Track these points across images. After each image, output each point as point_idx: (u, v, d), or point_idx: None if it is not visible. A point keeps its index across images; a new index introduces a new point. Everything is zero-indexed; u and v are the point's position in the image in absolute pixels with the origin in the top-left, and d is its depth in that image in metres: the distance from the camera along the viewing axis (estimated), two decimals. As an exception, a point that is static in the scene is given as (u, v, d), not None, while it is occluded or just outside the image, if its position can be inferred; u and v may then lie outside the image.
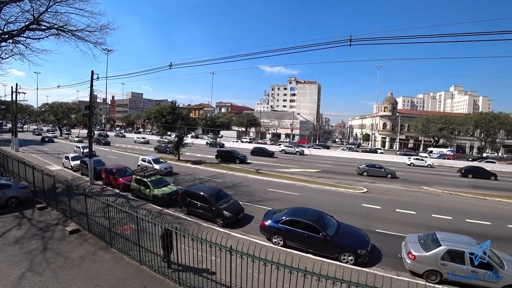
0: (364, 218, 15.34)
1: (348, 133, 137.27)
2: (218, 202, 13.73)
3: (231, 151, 36.70)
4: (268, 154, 42.63)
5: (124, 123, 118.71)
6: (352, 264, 9.93)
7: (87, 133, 20.85)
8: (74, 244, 10.43)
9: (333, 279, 5.57)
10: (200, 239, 7.22)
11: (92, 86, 19.93)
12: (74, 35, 15.90)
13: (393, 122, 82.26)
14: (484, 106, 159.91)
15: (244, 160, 34.54)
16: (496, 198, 21.29)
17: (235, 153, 35.53)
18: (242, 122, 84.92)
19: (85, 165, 22.29)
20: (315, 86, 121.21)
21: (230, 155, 34.83)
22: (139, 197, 16.96)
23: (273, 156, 42.72)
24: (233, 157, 34.32)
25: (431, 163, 42.34)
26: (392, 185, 24.85)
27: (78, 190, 11.52)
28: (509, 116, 64.99)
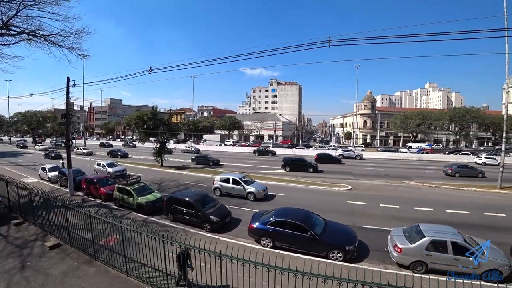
0: (350, 214, 15.62)
1: (330, 132, 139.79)
2: (205, 207, 13.54)
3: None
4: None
5: (103, 131, 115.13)
6: (341, 260, 10.07)
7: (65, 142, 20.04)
8: (55, 260, 9.92)
9: (324, 277, 5.61)
10: (188, 246, 7.08)
11: (68, 93, 19.23)
12: (47, 40, 15.23)
13: (373, 120, 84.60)
14: (457, 101, 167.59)
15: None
16: (472, 188, 22.36)
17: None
18: (225, 125, 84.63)
19: (63, 176, 21.39)
20: (296, 87, 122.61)
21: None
22: (122, 206, 16.44)
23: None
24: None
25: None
26: (375, 181, 25.49)
27: (57, 203, 11.00)
28: (480, 110, 68.71)
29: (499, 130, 61.44)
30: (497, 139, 67.78)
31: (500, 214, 15.93)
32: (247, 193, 18.38)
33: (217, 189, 19.46)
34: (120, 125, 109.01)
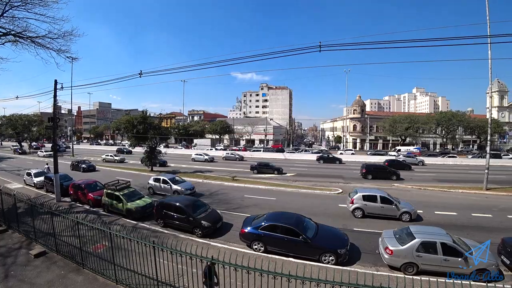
0: (341, 218, 15.71)
1: (321, 136, 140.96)
2: (196, 212, 13.38)
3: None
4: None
5: (91, 135, 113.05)
6: (333, 264, 10.08)
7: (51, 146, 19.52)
8: (41, 269, 9.58)
9: (317, 280, 5.59)
10: (179, 252, 6.95)
11: (55, 96, 18.80)
12: (34, 42, 14.87)
13: (362, 124, 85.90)
14: (443, 105, 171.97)
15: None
16: (459, 190, 22.87)
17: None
18: (216, 130, 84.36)
19: (50, 181, 20.81)
20: (286, 92, 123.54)
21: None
22: (111, 212, 16.09)
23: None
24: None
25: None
26: (365, 184, 25.76)
27: (43, 209, 10.67)
28: (466, 114, 70.78)
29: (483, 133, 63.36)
30: (482, 142, 69.84)
31: (487, 214, 16.32)
32: None
33: None
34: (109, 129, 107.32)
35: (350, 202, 16.08)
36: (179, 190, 19.89)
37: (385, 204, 15.32)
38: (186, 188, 20.31)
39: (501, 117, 78.77)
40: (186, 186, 20.70)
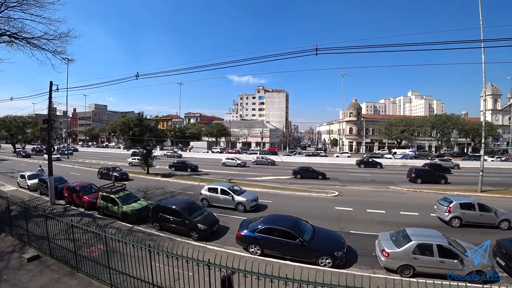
0: (338, 220, 15.73)
1: (317, 139, 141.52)
2: (192, 215, 13.29)
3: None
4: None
5: (87, 137, 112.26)
6: (330, 266, 10.07)
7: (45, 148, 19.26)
8: (34, 273, 9.44)
9: (314, 283, 5.57)
10: (175, 255, 6.89)
11: (51, 98, 18.66)
12: (29, 43, 14.75)
13: (358, 127, 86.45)
14: (438, 108, 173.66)
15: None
16: (455, 192, 23.00)
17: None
18: (212, 132, 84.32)
19: (44, 183, 20.58)
20: (283, 94, 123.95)
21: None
22: (106, 215, 15.94)
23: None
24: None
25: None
26: (362, 187, 25.87)
27: (37, 212, 10.53)
28: (460, 117, 71.66)
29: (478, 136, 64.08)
30: (476, 145, 70.60)
31: (481, 217, 16.40)
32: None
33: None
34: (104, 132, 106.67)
35: (447, 211, 14.96)
36: (244, 202, 17.33)
37: (483, 212, 14.53)
38: (251, 199, 17.77)
39: (495, 120, 79.87)
40: (250, 196, 18.10)
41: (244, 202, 17.37)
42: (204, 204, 17.97)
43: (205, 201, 18.34)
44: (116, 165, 34.21)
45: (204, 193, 18.57)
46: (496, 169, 41.90)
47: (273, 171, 38.05)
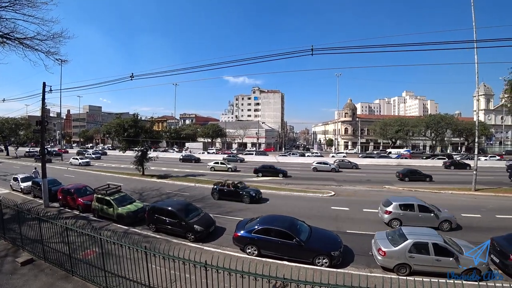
0: (334, 220, 15.77)
1: (312, 139, 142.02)
2: (188, 216, 13.22)
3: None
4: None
5: (81, 139, 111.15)
6: (327, 266, 10.08)
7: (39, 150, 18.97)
8: (28, 277, 9.28)
9: (311, 283, 5.57)
10: (172, 257, 6.83)
11: (44, 99, 18.41)
12: (22, 44, 14.53)
13: (353, 127, 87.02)
14: (432, 108, 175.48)
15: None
16: (449, 191, 23.28)
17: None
18: (208, 133, 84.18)
19: (37, 186, 20.29)
20: (278, 95, 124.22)
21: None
22: (102, 217, 15.76)
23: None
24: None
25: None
26: (358, 187, 26.00)
27: (31, 215, 10.36)
28: (454, 117, 72.59)
29: (471, 136, 64.95)
30: (470, 144, 71.52)
31: (476, 215, 16.65)
32: None
33: None
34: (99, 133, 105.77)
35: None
36: None
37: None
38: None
39: (488, 120, 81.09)
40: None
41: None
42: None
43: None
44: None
45: (395, 211, 14.58)
46: (489, 168, 42.43)
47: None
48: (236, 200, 19.65)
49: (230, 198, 19.96)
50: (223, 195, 20.27)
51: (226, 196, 20.14)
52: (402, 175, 30.21)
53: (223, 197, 20.19)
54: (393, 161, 50.54)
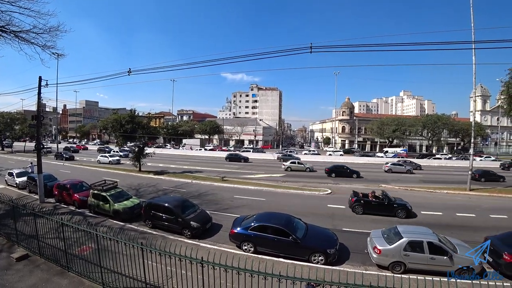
0: (330, 218, 15.85)
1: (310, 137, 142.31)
2: (184, 212, 13.22)
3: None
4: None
5: (77, 134, 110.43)
6: (323, 263, 10.14)
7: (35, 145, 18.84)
8: (23, 273, 9.24)
9: (307, 280, 5.61)
10: (168, 253, 6.83)
11: (40, 94, 18.21)
12: (17, 37, 14.30)
13: (351, 126, 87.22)
14: (429, 108, 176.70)
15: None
16: (444, 191, 23.48)
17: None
18: (205, 130, 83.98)
19: (33, 181, 20.15)
20: (276, 93, 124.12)
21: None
22: (98, 213, 15.70)
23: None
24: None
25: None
26: (354, 185, 26.11)
27: (26, 210, 10.28)
28: (450, 117, 73.05)
29: (467, 136, 65.43)
30: (466, 144, 72.04)
31: (470, 214, 16.83)
32: None
33: None
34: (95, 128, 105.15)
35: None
36: None
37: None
38: None
39: (484, 121, 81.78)
40: None
41: None
42: None
43: None
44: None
45: None
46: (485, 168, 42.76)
47: (266, 168, 38.15)
48: (388, 214, 16.11)
49: (379, 212, 16.32)
50: (369, 209, 16.47)
51: (373, 210, 16.40)
52: None
53: (369, 211, 16.41)
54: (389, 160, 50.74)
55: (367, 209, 16.48)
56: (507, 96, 25.11)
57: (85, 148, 64.22)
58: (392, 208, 16.22)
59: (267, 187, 23.89)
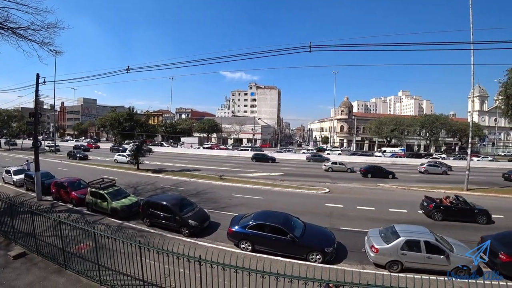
0: (328, 217, 15.91)
1: (308, 136, 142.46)
2: (183, 211, 13.22)
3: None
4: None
5: (75, 132, 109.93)
6: (320, 262, 10.18)
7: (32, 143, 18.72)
8: (20, 270, 9.20)
9: (305, 279, 5.63)
10: (166, 251, 6.83)
11: (37, 91, 18.13)
12: (15, 33, 14.19)
13: (349, 125, 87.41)
14: (428, 108, 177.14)
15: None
16: (442, 190, 23.58)
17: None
18: (204, 128, 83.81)
19: (30, 179, 20.06)
20: (275, 91, 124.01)
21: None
22: (96, 211, 15.67)
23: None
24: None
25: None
26: (352, 184, 26.22)
27: (23, 208, 10.25)
28: (448, 118, 73.34)
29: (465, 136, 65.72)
30: (463, 144, 72.38)
31: (467, 214, 16.89)
32: None
33: None
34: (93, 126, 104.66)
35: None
36: None
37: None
38: None
39: (482, 121, 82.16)
40: None
41: None
42: None
43: None
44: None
45: None
46: (482, 168, 43.06)
47: (264, 167, 38.14)
48: (468, 220, 15.32)
49: (460, 218, 15.49)
50: (449, 215, 15.55)
51: (453, 217, 15.49)
52: None
53: (449, 217, 15.52)
54: (387, 159, 50.95)
55: (447, 215, 15.48)
56: (505, 97, 25.26)
57: (97, 147, 60.79)
58: (472, 214, 15.44)
59: (265, 186, 23.92)
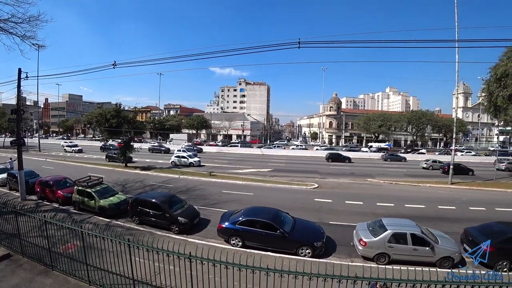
0: (317, 212, 16.12)
1: (297, 132, 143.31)
2: (172, 208, 13.13)
3: None
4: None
5: (60, 129, 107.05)
6: (310, 256, 10.34)
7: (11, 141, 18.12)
8: (5, 273, 8.93)
9: (295, 273, 5.71)
10: (155, 249, 6.79)
11: (19, 87, 17.49)
12: (-6, 26, 13.67)
13: (338, 121, 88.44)
14: (414, 105, 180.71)
15: None
16: (427, 184, 24.27)
17: None
18: (193, 124, 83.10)
19: (13, 178, 19.44)
20: (264, 87, 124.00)
21: None
22: (83, 210, 15.37)
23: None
24: None
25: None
26: (341, 179, 26.61)
27: (6, 208, 9.94)
28: (434, 114, 75.20)
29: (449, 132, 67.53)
30: (448, 140, 74.47)
31: (451, 207, 17.51)
32: None
33: None
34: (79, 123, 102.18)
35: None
36: None
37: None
38: None
39: (466, 117, 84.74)
40: None
41: None
42: None
43: None
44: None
45: None
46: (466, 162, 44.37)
47: (254, 163, 38.24)
48: None
49: None
50: None
51: None
52: None
53: None
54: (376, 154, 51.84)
55: None
56: (488, 94, 26.06)
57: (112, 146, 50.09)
58: None
59: (255, 182, 24.00)
